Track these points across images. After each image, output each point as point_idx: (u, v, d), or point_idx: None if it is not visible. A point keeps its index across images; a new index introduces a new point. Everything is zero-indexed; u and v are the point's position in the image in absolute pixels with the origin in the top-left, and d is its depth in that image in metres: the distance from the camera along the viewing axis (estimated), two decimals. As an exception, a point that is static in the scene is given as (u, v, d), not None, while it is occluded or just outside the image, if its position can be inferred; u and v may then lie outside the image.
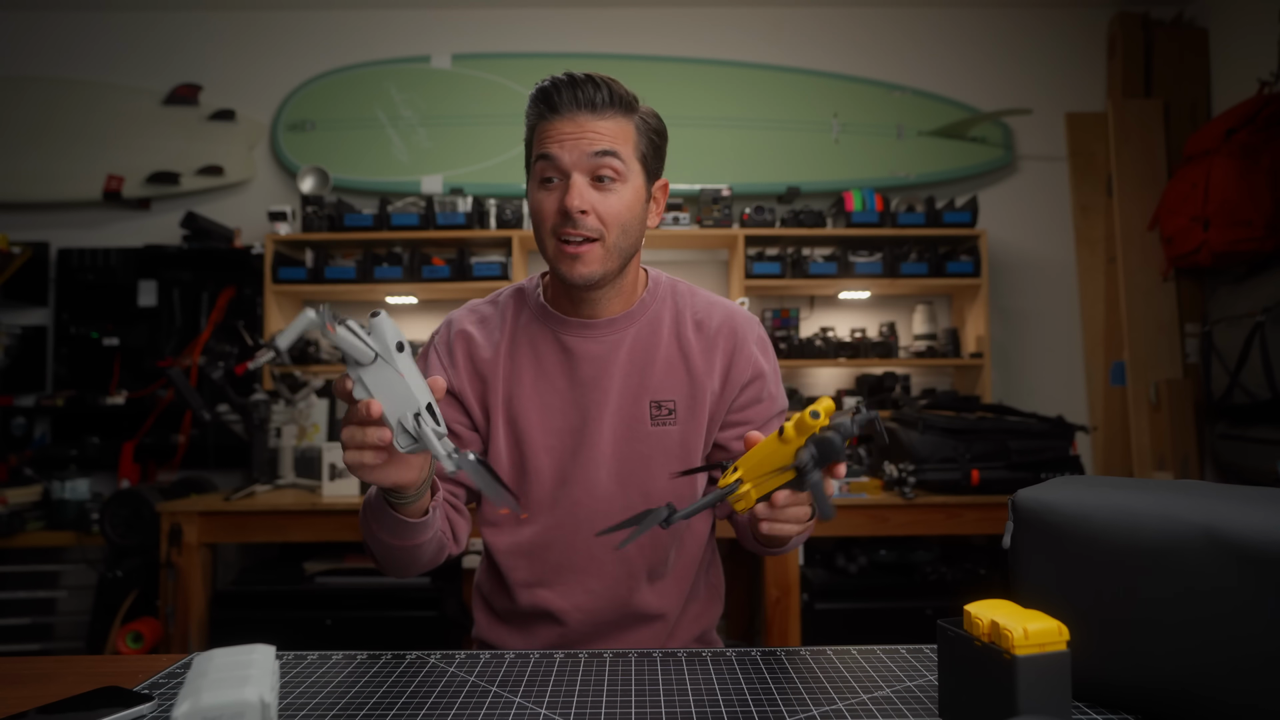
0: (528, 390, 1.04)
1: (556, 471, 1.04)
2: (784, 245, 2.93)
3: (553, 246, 0.98)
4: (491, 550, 1.06)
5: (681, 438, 1.04)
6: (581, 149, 0.94)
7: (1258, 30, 2.68)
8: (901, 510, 2.26)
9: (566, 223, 0.95)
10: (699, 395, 1.05)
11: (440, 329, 1.10)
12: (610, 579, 1.04)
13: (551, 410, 1.04)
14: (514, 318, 1.08)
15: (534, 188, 1.00)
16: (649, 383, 1.04)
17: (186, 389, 2.43)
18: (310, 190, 2.85)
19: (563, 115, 0.95)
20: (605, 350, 1.04)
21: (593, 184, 0.96)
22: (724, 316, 1.09)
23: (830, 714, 0.70)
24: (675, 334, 1.07)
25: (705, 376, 1.05)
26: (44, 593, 2.67)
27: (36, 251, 2.93)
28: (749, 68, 3.07)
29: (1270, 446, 2.43)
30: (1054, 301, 3.09)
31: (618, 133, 0.96)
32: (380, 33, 3.11)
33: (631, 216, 0.99)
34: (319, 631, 2.19)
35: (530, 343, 1.06)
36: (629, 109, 0.98)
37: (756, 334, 1.10)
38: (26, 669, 0.85)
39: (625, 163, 0.97)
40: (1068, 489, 0.72)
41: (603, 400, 1.03)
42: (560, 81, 0.96)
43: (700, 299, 1.11)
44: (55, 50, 3.06)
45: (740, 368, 1.07)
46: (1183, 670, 0.64)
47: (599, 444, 1.03)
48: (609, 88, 0.96)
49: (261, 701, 0.55)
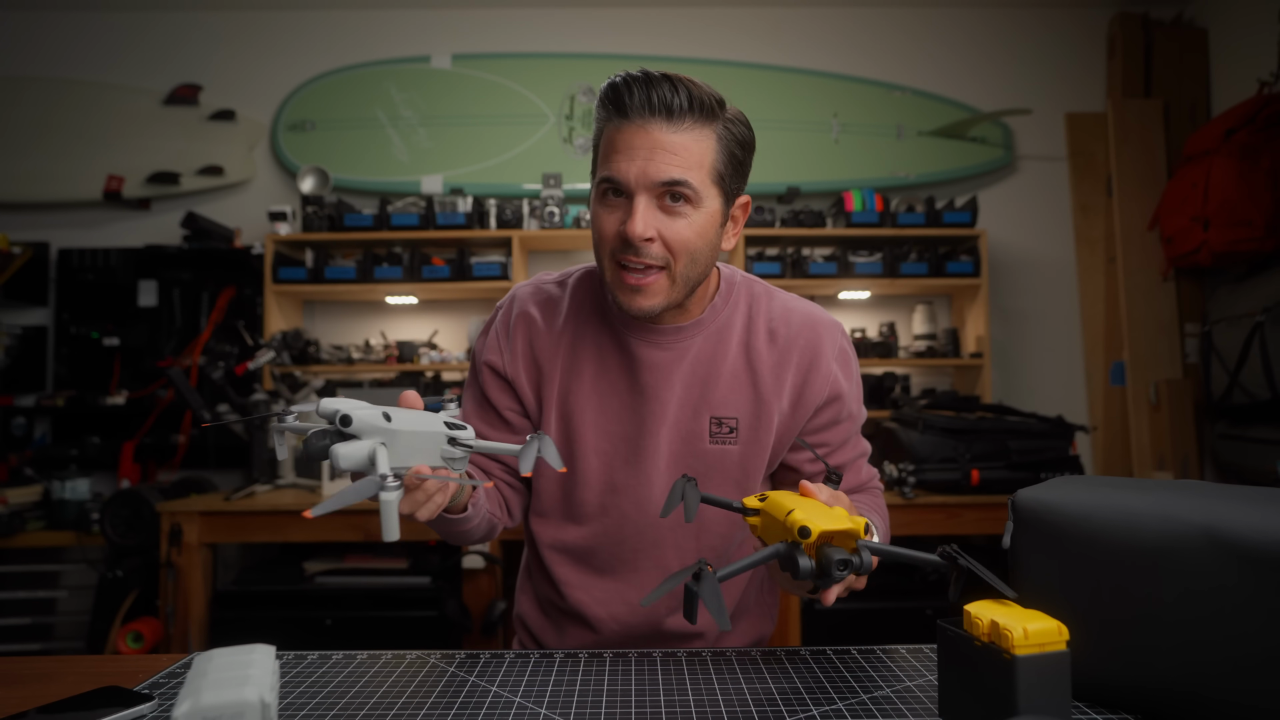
0: (586, 388, 0.98)
1: (605, 477, 0.99)
2: (784, 245, 2.93)
3: (611, 272, 0.89)
4: (537, 542, 1.04)
5: (741, 459, 0.97)
6: (649, 174, 0.83)
7: (1257, 30, 2.68)
8: (901, 510, 2.26)
9: (627, 249, 0.86)
10: (764, 415, 0.97)
11: (504, 303, 1.04)
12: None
13: (608, 413, 0.98)
14: (580, 306, 1.00)
15: (594, 199, 0.89)
16: (710, 397, 0.96)
17: (186, 389, 2.43)
18: (310, 190, 2.85)
19: (632, 121, 0.84)
20: (669, 359, 0.96)
21: (661, 206, 0.85)
22: (802, 325, 0.98)
23: (830, 714, 0.70)
24: (745, 345, 0.98)
25: (773, 396, 0.97)
26: (44, 593, 2.67)
27: (37, 251, 2.93)
28: (749, 68, 3.07)
29: (1270, 446, 2.43)
30: (1054, 301, 3.09)
31: (692, 151, 0.84)
32: (380, 33, 3.11)
33: (703, 244, 0.87)
34: (319, 631, 2.19)
35: (594, 337, 0.99)
36: (710, 116, 0.85)
37: (838, 346, 0.99)
38: (27, 669, 0.85)
39: (698, 189, 0.85)
40: (1068, 489, 0.72)
41: (661, 411, 0.96)
42: (633, 79, 0.84)
43: (778, 304, 1.00)
44: (55, 50, 3.06)
45: (816, 388, 0.97)
46: (1182, 670, 0.64)
47: (654, 457, 0.97)
48: (689, 91, 0.83)
49: (261, 701, 0.55)
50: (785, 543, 0.68)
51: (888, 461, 2.42)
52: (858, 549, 0.67)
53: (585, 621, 1.02)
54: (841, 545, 0.67)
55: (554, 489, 1.02)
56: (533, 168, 3.00)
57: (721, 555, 1.01)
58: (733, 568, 0.65)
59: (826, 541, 0.67)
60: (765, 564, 0.68)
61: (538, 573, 1.07)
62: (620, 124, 0.85)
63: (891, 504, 2.27)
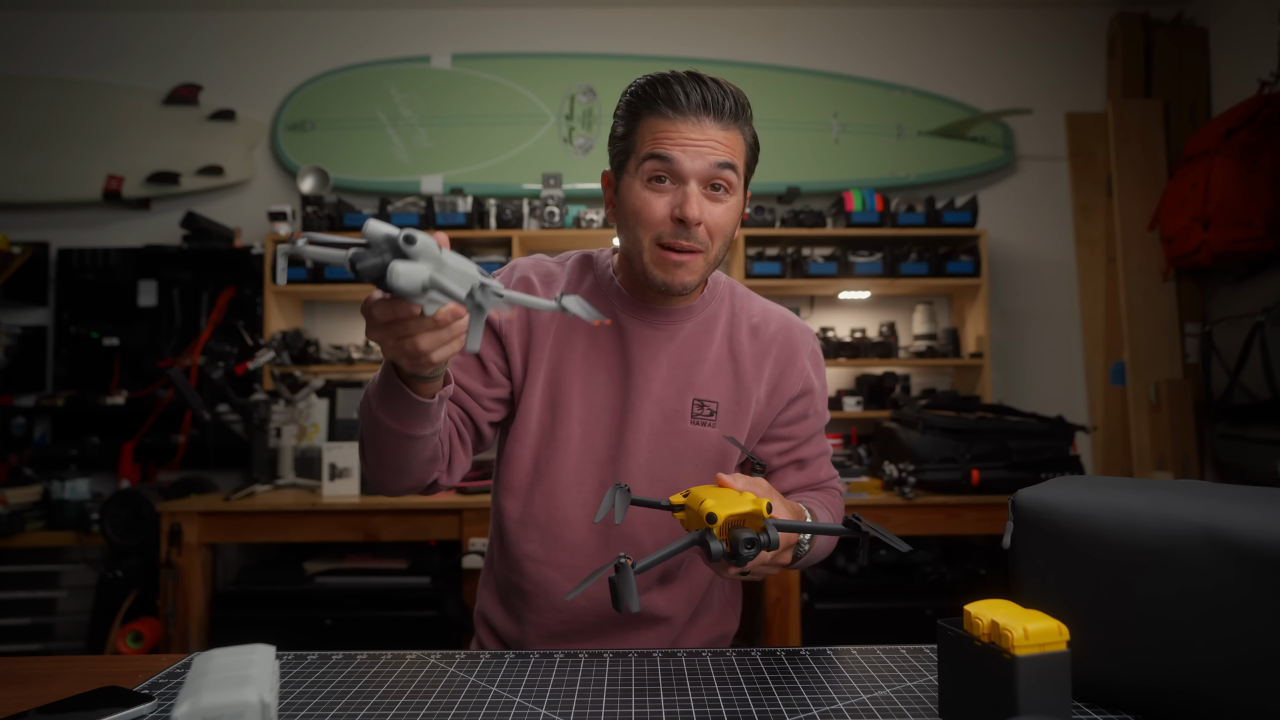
0: (578, 357, 1.02)
1: (587, 447, 1.02)
2: (784, 245, 2.93)
3: (652, 251, 0.95)
4: (503, 518, 1.04)
5: (719, 441, 1.03)
6: (706, 158, 0.91)
7: (1258, 30, 2.68)
8: (901, 510, 2.26)
9: (679, 233, 0.92)
10: (743, 401, 1.03)
11: (503, 271, 1.06)
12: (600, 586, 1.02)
13: (595, 384, 1.02)
14: (578, 281, 1.06)
15: (638, 185, 0.94)
16: (695, 379, 1.03)
17: (186, 389, 2.43)
18: (310, 190, 2.85)
19: (687, 117, 0.91)
20: (658, 338, 1.02)
21: (706, 193, 0.93)
22: (780, 325, 1.07)
23: (830, 714, 0.70)
24: (728, 336, 1.05)
25: (753, 383, 1.04)
26: (44, 593, 2.67)
27: (37, 251, 2.93)
28: (749, 68, 3.07)
29: (1270, 446, 2.43)
30: (1054, 301, 3.09)
31: (735, 145, 0.94)
32: (380, 33, 3.11)
33: (733, 228, 0.97)
34: (319, 631, 2.19)
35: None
36: (746, 118, 0.96)
37: (811, 348, 1.09)
38: (27, 669, 0.85)
39: (738, 175, 0.95)
40: (1068, 489, 0.72)
41: (645, 387, 1.01)
42: (685, 79, 0.92)
43: (757, 304, 1.10)
44: (55, 50, 3.06)
45: (791, 380, 1.06)
46: (1182, 670, 0.64)
47: (636, 430, 1.01)
48: (733, 96, 0.93)
49: (261, 702, 0.55)
50: (699, 530, 0.73)
51: (888, 461, 2.42)
52: (765, 528, 0.72)
53: (548, 599, 1.02)
54: (750, 526, 0.73)
55: (528, 456, 1.03)
56: (533, 168, 3.00)
57: None
58: (650, 559, 0.70)
59: (736, 524, 0.72)
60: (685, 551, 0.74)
61: (501, 559, 1.07)
62: (674, 117, 0.91)
63: (892, 504, 2.27)
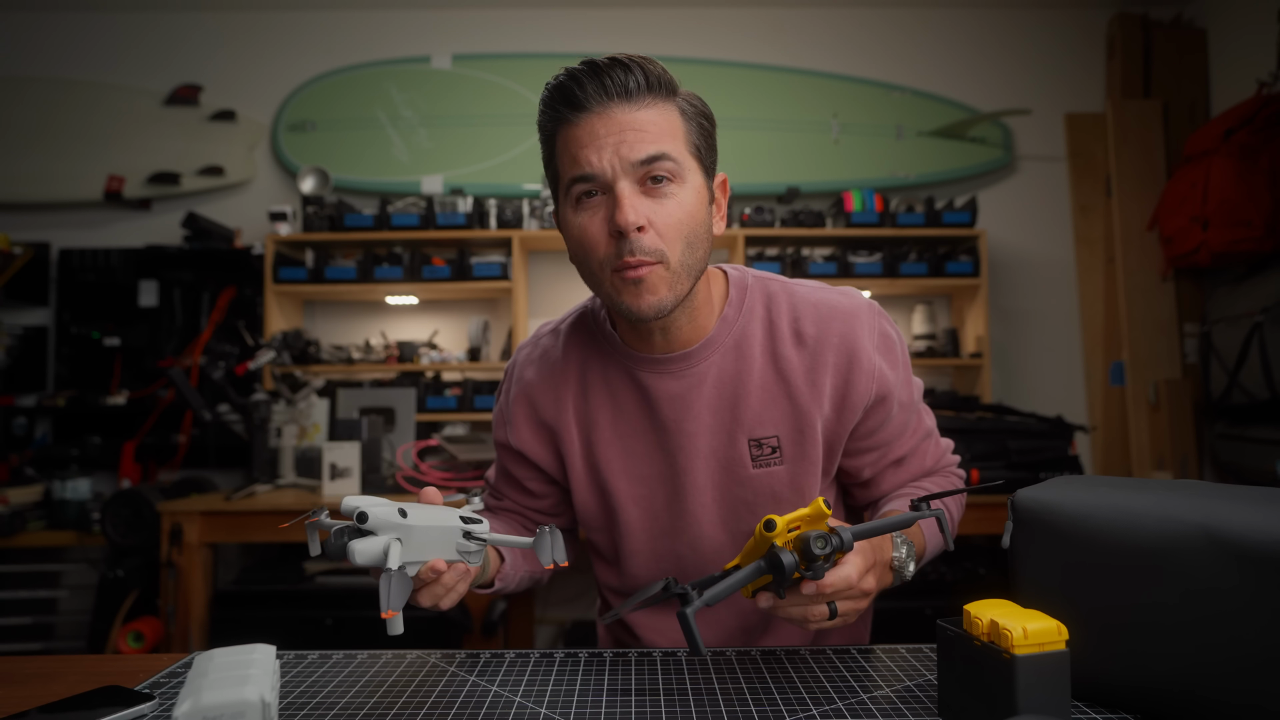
0: (606, 435, 0.92)
1: (651, 523, 0.93)
2: (784, 245, 2.93)
3: (610, 281, 0.80)
4: (601, 586, 1.05)
5: (791, 477, 0.90)
6: (623, 153, 0.76)
7: (1257, 30, 2.68)
8: (901, 510, 2.26)
9: (622, 248, 0.77)
10: (807, 428, 0.88)
11: (508, 370, 0.99)
12: (723, 631, 0.97)
13: (635, 456, 0.91)
14: (580, 351, 0.93)
15: (569, 213, 0.80)
16: (743, 418, 0.88)
17: (187, 389, 2.43)
18: (310, 190, 2.86)
19: (591, 111, 0.76)
20: (686, 387, 0.88)
21: (645, 190, 0.77)
22: (832, 320, 0.88)
23: (830, 714, 0.70)
24: (770, 353, 0.88)
25: (812, 404, 0.87)
26: (45, 592, 2.67)
27: (37, 252, 2.93)
28: (749, 68, 3.07)
29: (1269, 446, 2.43)
30: (1053, 301, 3.09)
31: (663, 124, 0.77)
32: (380, 33, 3.11)
33: (696, 224, 0.80)
34: (319, 631, 2.19)
35: (604, 380, 0.91)
36: (670, 91, 0.79)
37: (876, 332, 0.89)
38: (27, 668, 0.85)
39: (679, 161, 0.78)
40: (1067, 489, 0.73)
41: (691, 445, 0.89)
42: (579, 72, 0.77)
43: (799, 298, 0.90)
44: (55, 50, 3.06)
45: (860, 389, 0.87)
46: (1182, 670, 0.64)
47: (696, 493, 0.90)
48: (642, 68, 0.77)
49: (262, 701, 0.55)
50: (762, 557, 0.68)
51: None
52: (834, 530, 0.66)
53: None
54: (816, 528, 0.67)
55: (606, 540, 0.99)
56: (533, 168, 3.00)
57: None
58: (717, 590, 0.65)
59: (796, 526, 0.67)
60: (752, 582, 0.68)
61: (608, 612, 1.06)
62: (578, 118, 0.77)
63: (891, 504, 2.27)
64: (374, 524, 0.66)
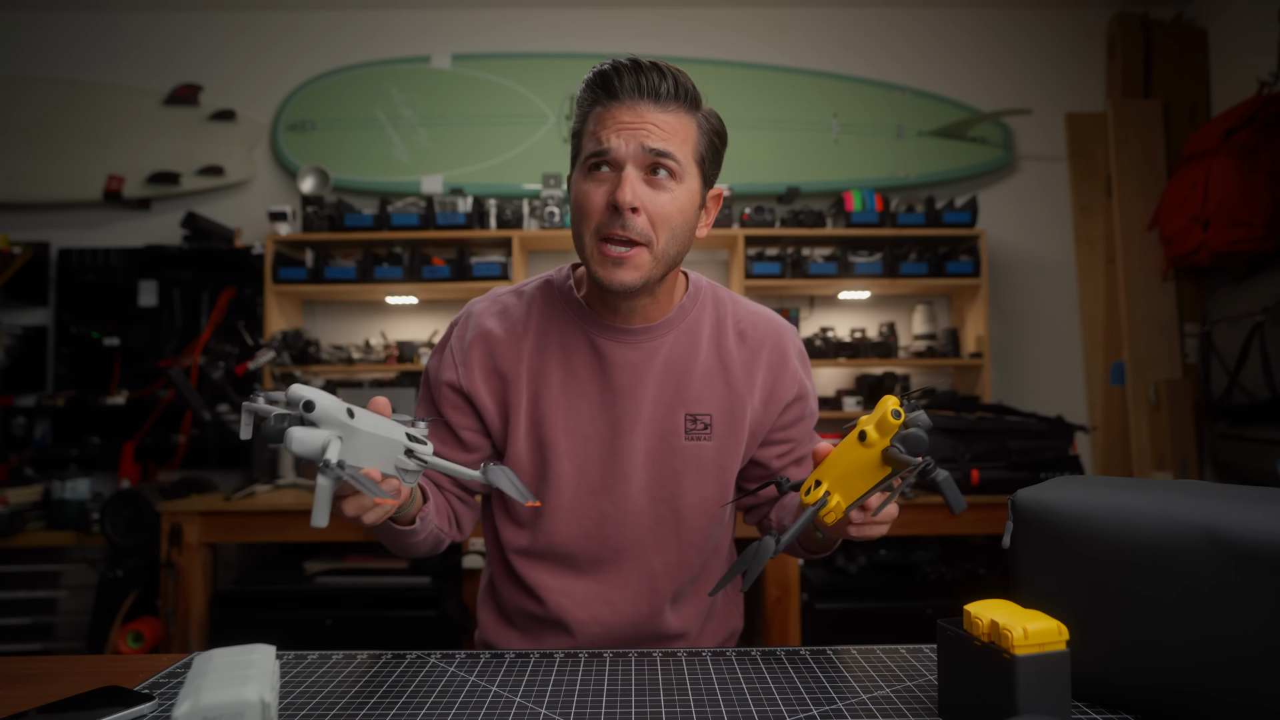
0: (554, 393, 0.99)
1: (581, 480, 0.99)
2: (784, 245, 2.93)
3: (593, 247, 0.90)
4: (507, 550, 1.03)
5: (717, 454, 1.00)
6: (639, 141, 0.87)
7: (1257, 30, 2.68)
8: (901, 510, 2.25)
9: (614, 221, 0.88)
10: (738, 411, 1.00)
11: (459, 320, 1.04)
12: (633, 595, 1.01)
13: (580, 416, 0.99)
14: (541, 313, 1.01)
15: (579, 177, 0.92)
16: (685, 394, 0.99)
17: (187, 389, 2.43)
18: (310, 190, 2.85)
19: (622, 102, 0.88)
20: (641, 358, 0.98)
21: (646, 179, 0.89)
22: (768, 328, 1.04)
23: (830, 714, 0.70)
24: (716, 344, 1.01)
25: (746, 392, 1.00)
26: (44, 592, 2.67)
27: (37, 251, 2.93)
28: (749, 68, 3.07)
29: (1269, 446, 2.43)
30: (1054, 301, 3.09)
31: (678, 129, 0.89)
32: (380, 33, 3.11)
33: (683, 221, 0.91)
34: (319, 631, 2.19)
35: (560, 342, 1.00)
36: (694, 104, 0.91)
37: (798, 347, 1.06)
38: (27, 668, 0.85)
39: (682, 164, 0.89)
40: (1067, 489, 0.73)
41: (635, 410, 0.98)
42: (622, 66, 0.88)
43: (743, 307, 1.06)
44: (55, 50, 3.06)
45: (785, 386, 1.03)
46: (1182, 670, 0.64)
47: (631, 456, 0.98)
48: (675, 78, 0.89)
49: (262, 701, 0.55)
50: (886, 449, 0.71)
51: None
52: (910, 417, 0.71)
53: (564, 626, 1.01)
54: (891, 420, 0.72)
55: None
56: (533, 168, 3.00)
57: (702, 550, 1.03)
58: (795, 528, 0.74)
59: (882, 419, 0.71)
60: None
61: (506, 584, 1.06)
62: (610, 105, 0.89)
63: (891, 504, 2.27)
64: (319, 415, 0.64)
